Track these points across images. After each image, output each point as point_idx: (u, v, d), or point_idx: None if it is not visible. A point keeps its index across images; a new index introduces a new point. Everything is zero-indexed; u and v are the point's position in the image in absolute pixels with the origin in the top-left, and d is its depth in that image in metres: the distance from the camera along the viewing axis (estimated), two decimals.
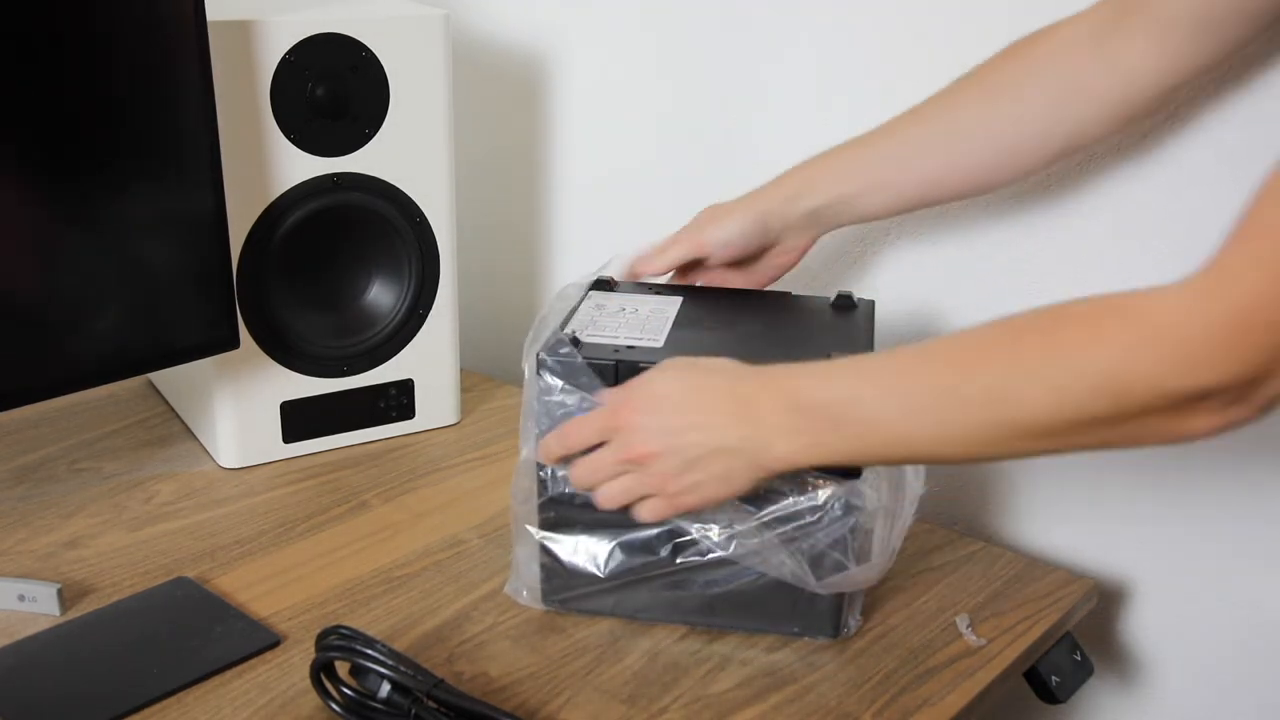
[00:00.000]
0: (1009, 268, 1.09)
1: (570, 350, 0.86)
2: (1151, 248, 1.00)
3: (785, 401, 0.76)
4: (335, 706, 0.80)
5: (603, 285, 1.00)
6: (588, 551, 0.89)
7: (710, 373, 0.81)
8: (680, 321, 0.93)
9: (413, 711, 0.78)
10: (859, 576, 0.87)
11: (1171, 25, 0.85)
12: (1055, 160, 0.94)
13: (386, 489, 1.12)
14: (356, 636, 0.80)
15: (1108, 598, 1.10)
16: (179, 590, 0.95)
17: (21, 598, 0.92)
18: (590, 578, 0.89)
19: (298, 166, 1.09)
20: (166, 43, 0.97)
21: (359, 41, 1.08)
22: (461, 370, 1.27)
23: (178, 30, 0.97)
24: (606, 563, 0.89)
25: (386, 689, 0.79)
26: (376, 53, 1.09)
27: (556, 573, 0.91)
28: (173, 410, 1.26)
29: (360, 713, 0.79)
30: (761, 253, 1.01)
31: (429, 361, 1.21)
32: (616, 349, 0.88)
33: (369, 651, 0.79)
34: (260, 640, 0.89)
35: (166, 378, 1.27)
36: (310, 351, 1.15)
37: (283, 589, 0.96)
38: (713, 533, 0.85)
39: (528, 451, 0.90)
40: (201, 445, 1.19)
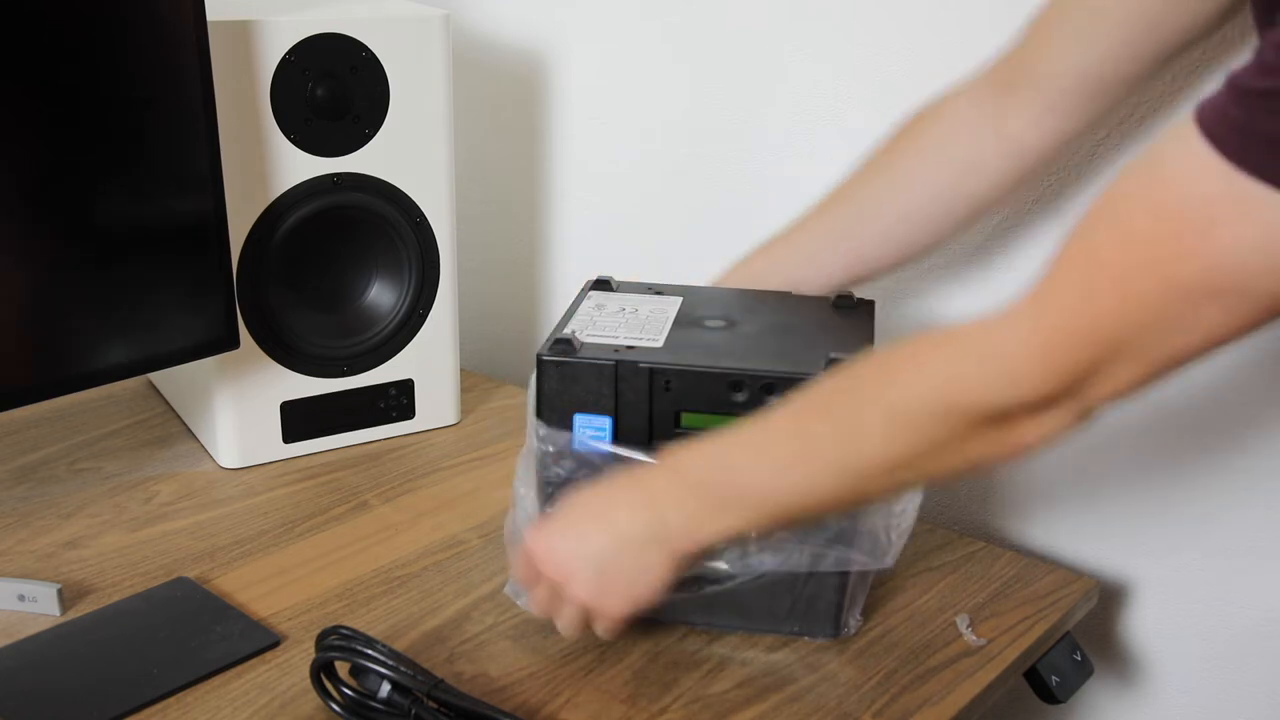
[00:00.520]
0: (1009, 267, 1.09)
1: (569, 349, 0.86)
2: None
3: (677, 481, 0.79)
4: (335, 706, 0.80)
5: (602, 285, 0.99)
6: None
7: (618, 477, 0.82)
8: (680, 321, 0.93)
9: (413, 711, 0.78)
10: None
11: (1059, 96, 0.88)
12: (963, 228, 0.97)
13: (386, 489, 1.12)
14: (356, 636, 0.80)
15: (1108, 598, 1.10)
16: (179, 590, 0.95)
17: (21, 598, 0.92)
18: None
19: (298, 166, 1.09)
20: (166, 43, 0.97)
21: (359, 41, 1.08)
22: (461, 370, 1.27)
23: (178, 30, 0.97)
24: None
25: (386, 689, 0.79)
26: (376, 53, 1.09)
27: None
28: (173, 410, 1.26)
29: (360, 713, 0.79)
30: None
31: (429, 361, 1.21)
32: (616, 349, 0.88)
33: (369, 651, 0.79)
34: (260, 640, 0.89)
35: (166, 378, 1.27)
36: (310, 351, 1.15)
37: (283, 589, 0.96)
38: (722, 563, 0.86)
39: (524, 453, 0.90)
40: (201, 445, 1.19)
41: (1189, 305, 0.59)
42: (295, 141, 1.08)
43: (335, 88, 1.08)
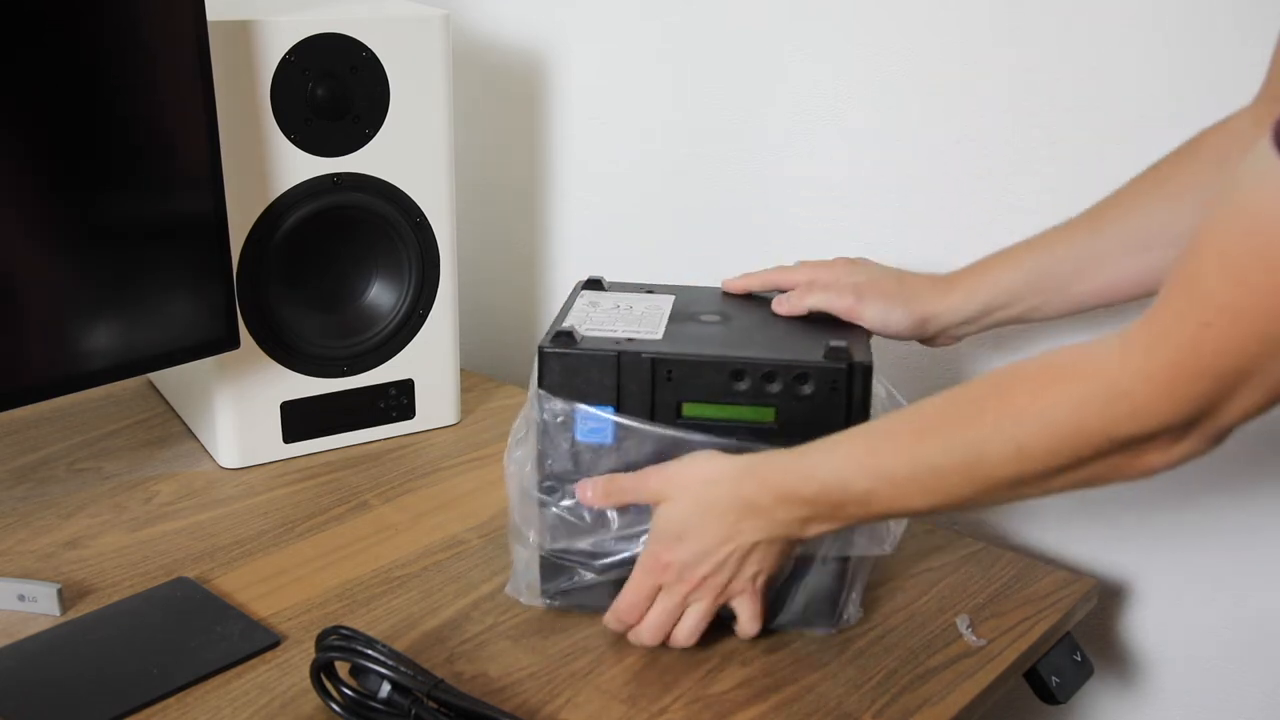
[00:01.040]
0: None
1: (570, 341, 0.87)
2: None
3: (784, 496, 0.81)
4: (335, 706, 0.80)
5: (593, 285, 1.00)
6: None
7: (709, 486, 0.84)
8: (675, 316, 0.93)
9: (413, 711, 0.78)
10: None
11: None
12: None
13: (386, 489, 1.12)
14: (356, 636, 0.80)
15: (1108, 598, 1.10)
16: (179, 590, 0.95)
17: (21, 598, 0.92)
18: (588, 570, 0.90)
19: (298, 166, 1.09)
20: (166, 43, 0.97)
21: (359, 41, 1.08)
22: (461, 370, 1.27)
23: (178, 30, 0.97)
24: (605, 556, 0.89)
25: (386, 689, 0.79)
26: (376, 53, 1.09)
27: (555, 569, 0.91)
28: (173, 410, 1.26)
29: (360, 713, 0.79)
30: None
31: (429, 361, 1.21)
32: (617, 341, 0.88)
33: (369, 652, 0.79)
34: (260, 640, 0.89)
35: (166, 378, 1.27)
36: (310, 351, 1.15)
37: (283, 589, 0.96)
38: None
39: (522, 454, 0.90)
40: (201, 445, 1.19)
41: None
42: (295, 141, 1.08)
43: (335, 88, 1.08)
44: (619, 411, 0.87)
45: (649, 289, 0.99)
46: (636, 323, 0.91)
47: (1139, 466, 0.69)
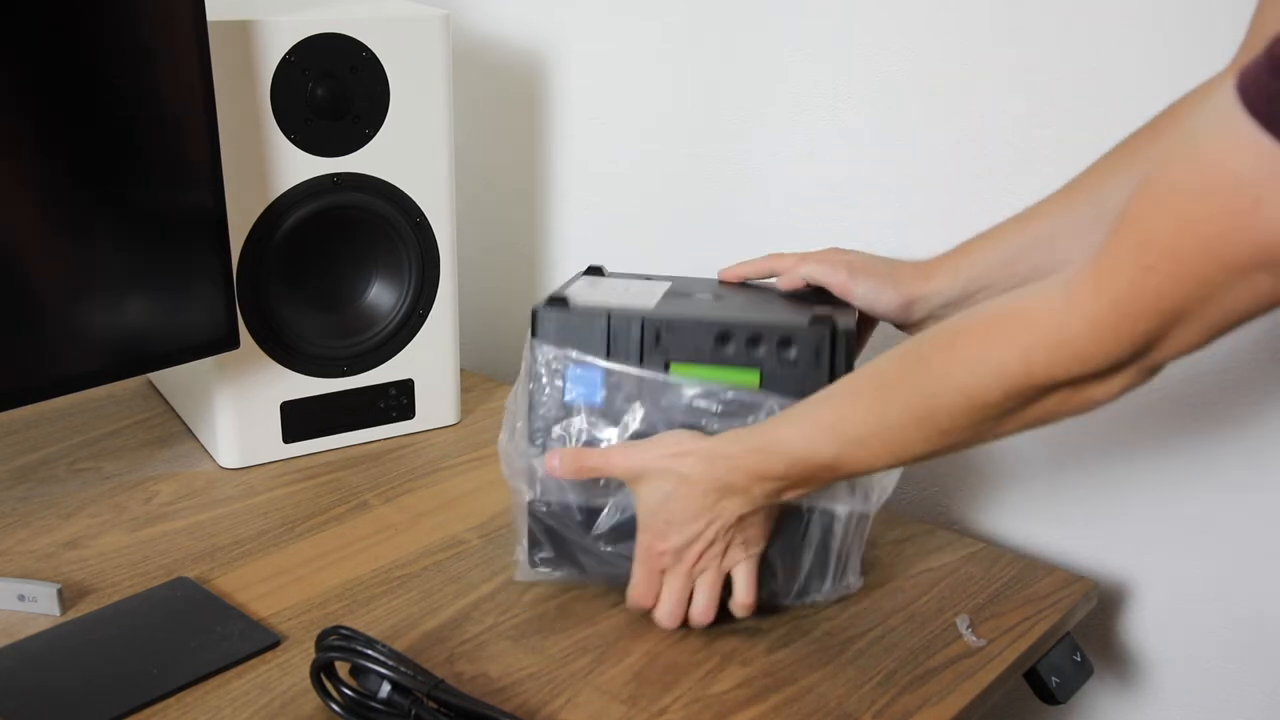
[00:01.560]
0: None
1: (564, 304, 0.91)
2: None
3: (756, 475, 0.84)
4: (335, 707, 0.80)
5: (594, 272, 1.03)
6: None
7: (681, 460, 0.86)
8: (670, 294, 0.96)
9: (413, 712, 0.78)
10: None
11: None
12: None
13: (386, 489, 1.12)
14: (356, 637, 0.80)
15: (1108, 598, 1.10)
16: (179, 590, 0.95)
17: (21, 598, 0.92)
18: (579, 534, 0.92)
19: (298, 166, 1.09)
20: (166, 43, 0.97)
21: (359, 41, 1.08)
22: (461, 370, 1.27)
23: (178, 30, 0.97)
24: (598, 521, 0.91)
25: (386, 689, 0.79)
26: (376, 53, 1.09)
27: (544, 531, 0.93)
28: (173, 410, 1.26)
29: (360, 713, 0.79)
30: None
31: (429, 361, 1.21)
32: (609, 306, 0.91)
33: (369, 652, 0.79)
34: (260, 640, 0.89)
35: (166, 378, 1.27)
36: (310, 351, 1.15)
37: (283, 589, 0.96)
38: None
39: (522, 425, 0.93)
40: (201, 445, 1.19)
41: (1241, 276, 0.61)
42: (295, 141, 1.08)
43: (335, 88, 1.08)
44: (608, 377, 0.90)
45: (648, 276, 1.02)
46: (631, 297, 0.94)
47: (1082, 401, 0.71)
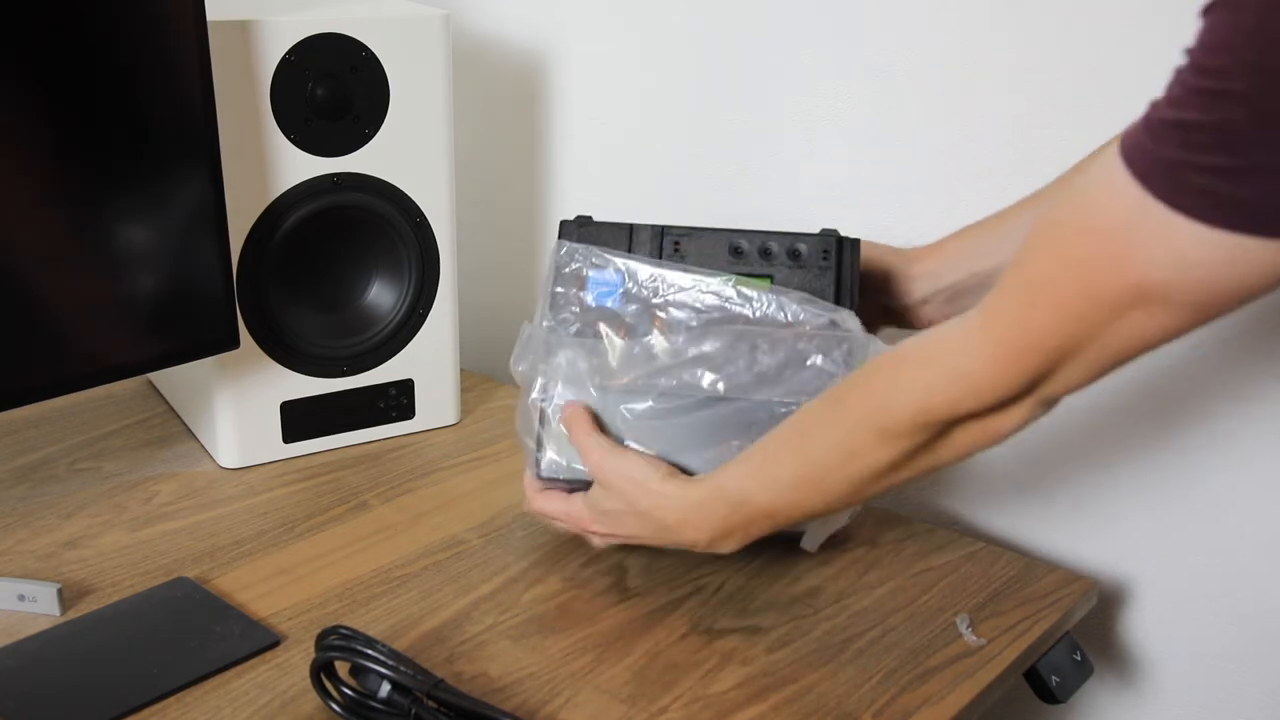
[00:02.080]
0: None
1: (587, 220, 0.97)
2: None
3: (697, 525, 0.88)
4: (335, 706, 0.80)
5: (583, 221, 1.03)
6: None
7: (632, 507, 0.90)
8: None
9: (413, 711, 0.78)
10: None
11: None
12: None
13: (386, 489, 1.12)
14: (356, 636, 0.80)
15: (1108, 598, 1.10)
16: (179, 590, 0.95)
17: (21, 598, 0.92)
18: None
19: (298, 166, 1.09)
20: (166, 43, 0.97)
21: (359, 41, 1.08)
22: (461, 370, 1.27)
23: (178, 30, 0.97)
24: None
25: (386, 689, 0.79)
26: (376, 53, 1.09)
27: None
28: (173, 410, 1.26)
29: (360, 713, 0.79)
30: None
31: (429, 361, 1.21)
32: (629, 222, 0.97)
33: (369, 651, 0.79)
34: (260, 640, 0.89)
35: (166, 378, 1.27)
36: (310, 351, 1.15)
37: (283, 589, 0.96)
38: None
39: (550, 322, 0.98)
40: (201, 445, 1.19)
41: (1118, 315, 0.64)
42: (295, 141, 1.08)
43: (335, 88, 1.08)
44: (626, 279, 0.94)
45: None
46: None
47: (987, 433, 0.75)
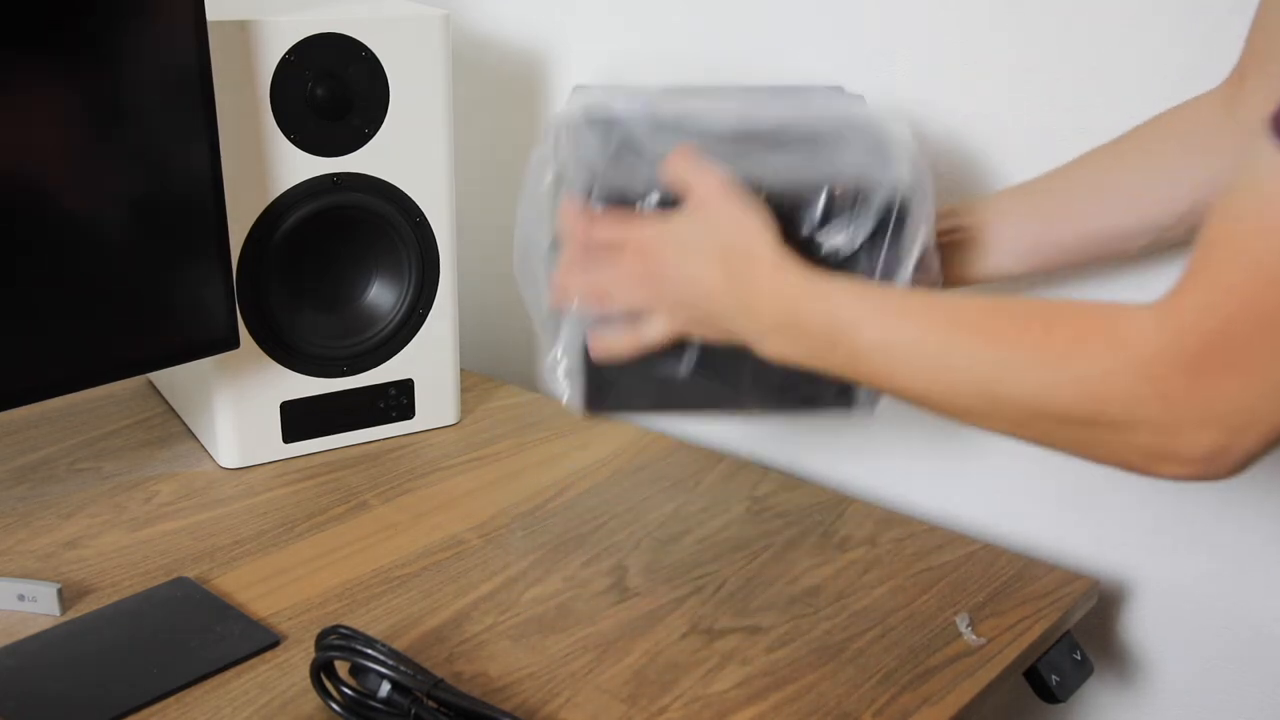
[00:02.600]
0: None
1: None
2: None
3: (785, 310, 0.78)
4: (335, 706, 0.80)
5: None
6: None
7: (736, 254, 0.80)
8: None
9: (413, 711, 0.78)
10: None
11: None
12: (1192, 213, 0.91)
13: (386, 489, 1.12)
14: (356, 636, 0.80)
15: (1108, 598, 1.10)
16: (179, 590, 0.95)
17: (21, 598, 0.92)
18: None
19: (298, 166, 1.09)
20: (167, 43, 0.97)
21: (359, 41, 1.08)
22: (461, 370, 1.27)
23: (178, 30, 0.97)
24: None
25: (386, 689, 0.79)
26: (376, 53, 1.09)
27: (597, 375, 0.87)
28: (173, 410, 1.26)
29: (360, 712, 0.79)
30: None
31: (429, 361, 1.21)
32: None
33: (369, 651, 0.79)
34: (260, 640, 0.89)
35: (166, 378, 1.27)
36: (310, 351, 1.15)
37: (283, 589, 0.96)
38: None
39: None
40: (201, 445, 1.19)
41: None
42: (295, 141, 1.08)
43: (335, 88, 1.08)
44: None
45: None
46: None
47: (1154, 463, 0.66)
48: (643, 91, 0.88)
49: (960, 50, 1.08)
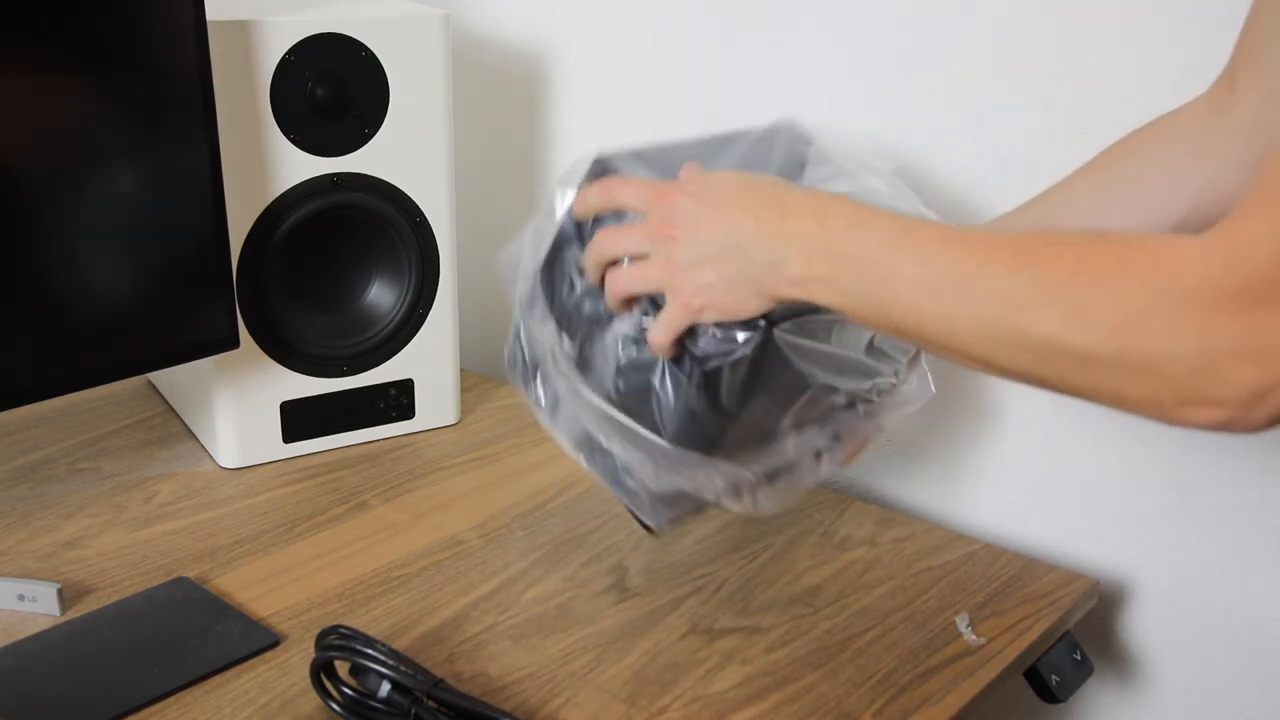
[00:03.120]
0: None
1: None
2: None
3: (818, 238, 0.75)
4: (335, 706, 0.80)
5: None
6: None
7: (767, 183, 0.80)
8: None
9: (413, 711, 0.78)
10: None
11: (1276, 84, 0.85)
12: (1187, 223, 0.91)
13: (386, 489, 1.12)
14: (356, 636, 0.80)
15: (1108, 598, 1.10)
16: (179, 590, 0.95)
17: (21, 598, 0.92)
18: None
19: (298, 166, 1.09)
20: (167, 43, 0.97)
21: (359, 41, 1.08)
22: (461, 370, 1.27)
23: (178, 30, 0.97)
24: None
25: (386, 689, 0.79)
26: (376, 53, 1.09)
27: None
28: (173, 410, 1.26)
29: (360, 712, 0.79)
30: None
31: (429, 361, 1.21)
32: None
33: (369, 651, 0.79)
34: (260, 640, 0.89)
35: (166, 378, 1.27)
36: (310, 351, 1.15)
37: (283, 589, 0.96)
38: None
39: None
40: (201, 445, 1.19)
41: None
42: (295, 141, 1.08)
43: (335, 87, 1.08)
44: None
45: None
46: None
47: (1181, 410, 0.62)
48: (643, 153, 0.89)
49: (960, 51, 1.08)
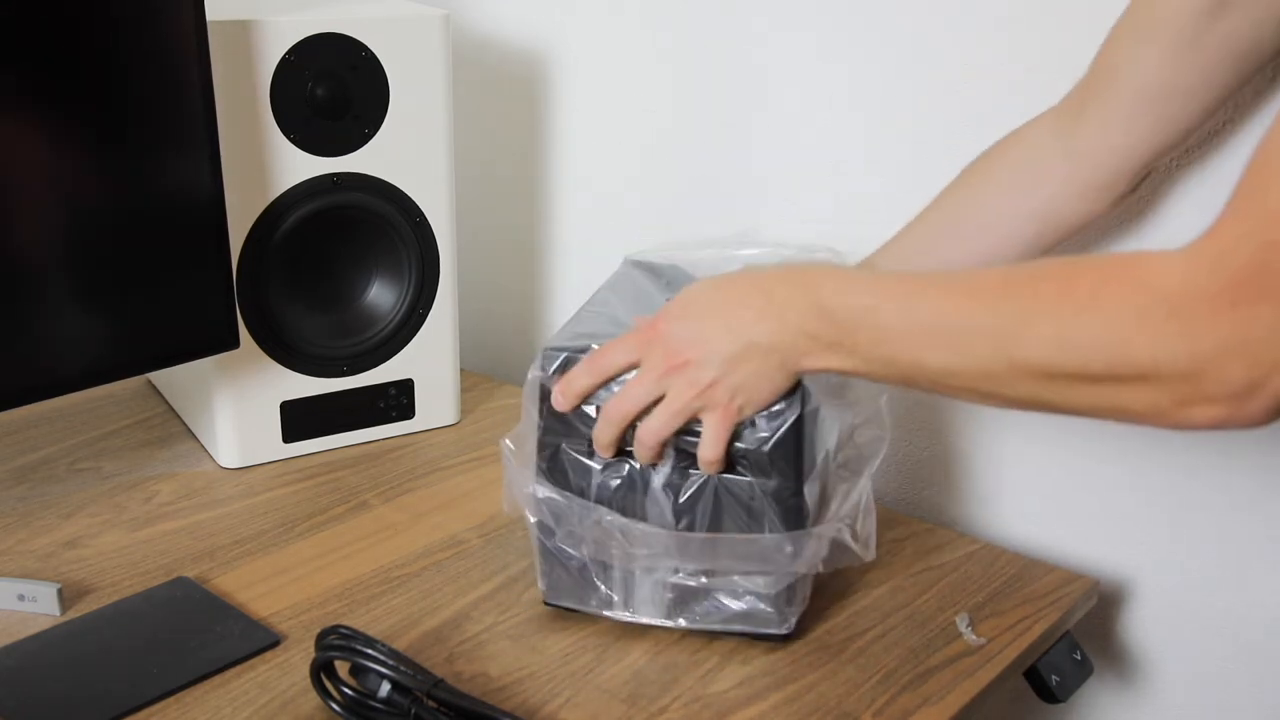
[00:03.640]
0: None
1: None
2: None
3: (809, 300, 0.78)
4: (335, 706, 0.80)
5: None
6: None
7: (738, 275, 0.82)
8: None
9: (413, 711, 0.78)
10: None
11: (1122, 111, 0.88)
12: (1045, 246, 0.95)
13: (386, 489, 1.12)
14: (356, 636, 0.80)
15: (1108, 598, 1.10)
16: (179, 590, 0.95)
17: (21, 598, 0.92)
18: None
19: (298, 166, 1.09)
20: (166, 43, 0.97)
21: (359, 41, 1.08)
22: (461, 370, 1.27)
23: (178, 30, 0.97)
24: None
25: (386, 689, 0.79)
26: (376, 53, 1.09)
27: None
28: (173, 410, 1.26)
29: (360, 712, 0.79)
30: None
31: (429, 361, 1.21)
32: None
33: (369, 651, 0.79)
34: (260, 640, 0.89)
35: (166, 378, 1.27)
36: (310, 351, 1.15)
37: (283, 589, 0.96)
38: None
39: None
40: (201, 445, 1.19)
41: None
42: (295, 141, 1.08)
43: (335, 88, 1.08)
44: None
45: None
46: None
47: (1181, 413, 0.63)
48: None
49: (960, 51, 1.08)
